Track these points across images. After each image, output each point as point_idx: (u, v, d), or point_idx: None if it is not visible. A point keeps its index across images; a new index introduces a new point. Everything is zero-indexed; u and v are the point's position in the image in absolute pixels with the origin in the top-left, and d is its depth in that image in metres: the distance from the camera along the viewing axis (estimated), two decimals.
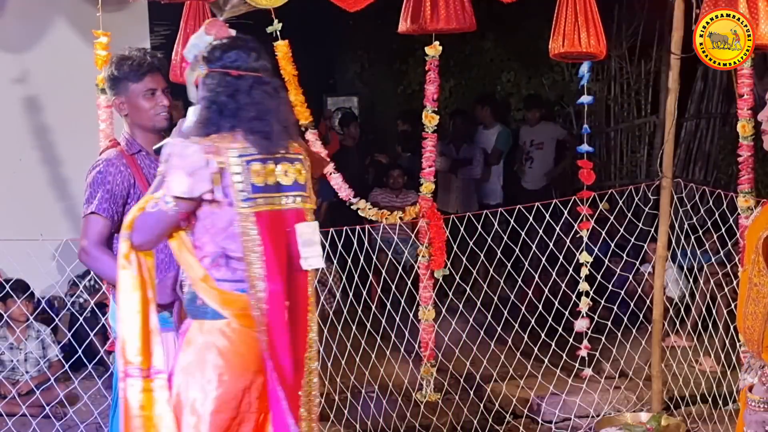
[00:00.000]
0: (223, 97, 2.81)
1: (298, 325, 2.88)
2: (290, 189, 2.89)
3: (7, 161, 5.94)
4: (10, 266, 5.13)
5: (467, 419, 5.23)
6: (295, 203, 2.90)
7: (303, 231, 2.89)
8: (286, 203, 2.88)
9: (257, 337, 2.79)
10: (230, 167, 2.77)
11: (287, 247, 2.87)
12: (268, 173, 2.83)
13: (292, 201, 2.89)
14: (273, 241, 2.82)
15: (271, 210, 2.83)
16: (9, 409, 5.06)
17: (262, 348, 2.79)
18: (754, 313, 2.70)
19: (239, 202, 2.79)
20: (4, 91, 5.87)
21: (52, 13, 5.92)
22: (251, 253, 2.80)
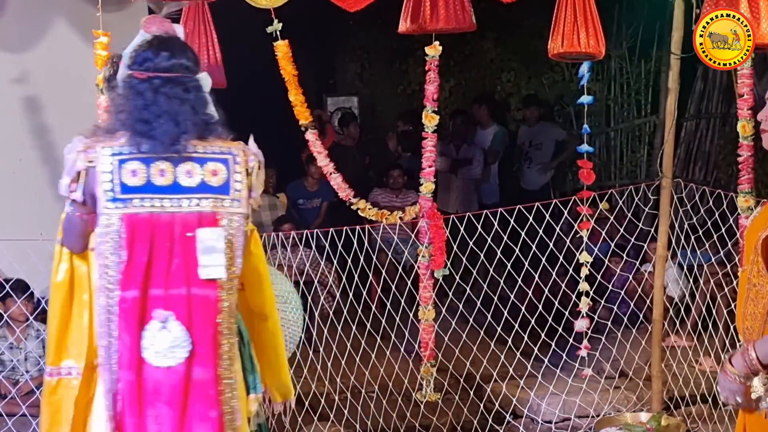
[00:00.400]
0: (120, 100, 2.79)
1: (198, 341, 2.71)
2: (193, 191, 2.72)
3: (7, 161, 5.93)
4: (10, 266, 5.13)
5: (467, 419, 5.23)
6: (199, 206, 2.72)
7: (203, 237, 2.71)
8: (184, 206, 2.72)
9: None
10: (99, 166, 2.72)
11: (170, 254, 2.71)
12: (155, 174, 2.70)
13: (195, 204, 2.72)
14: (143, 245, 2.70)
15: (152, 213, 2.70)
16: (9, 409, 5.06)
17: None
18: (753, 313, 2.70)
19: (104, 202, 2.72)
20: (4, 91, 5.87)
21: (52, 13, 5.91)
22: (109, 256, 2.71)
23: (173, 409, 2.71)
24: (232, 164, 2.76)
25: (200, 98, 2.79)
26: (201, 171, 2.73)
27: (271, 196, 7.31)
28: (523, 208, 5.19)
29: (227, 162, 2.75)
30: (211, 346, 2.73)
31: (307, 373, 5.29)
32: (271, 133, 8.13)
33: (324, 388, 5.26)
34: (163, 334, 2.70)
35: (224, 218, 2.74)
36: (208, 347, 2.72)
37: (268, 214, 7.10)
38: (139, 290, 2.70)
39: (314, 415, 5.13)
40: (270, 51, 4.83)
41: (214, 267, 2.70)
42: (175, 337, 2.70)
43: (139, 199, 2.70)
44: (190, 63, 2.80)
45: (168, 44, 2.81)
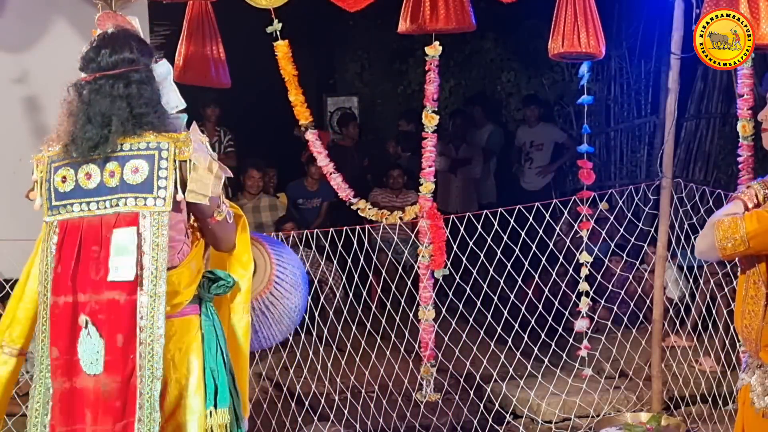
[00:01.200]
0: (67, 105, 2.80)
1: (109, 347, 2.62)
2: (115, 191, 2.65)
3: (7, 161, 5.93)
4: (10, 266, 5.12)
5: (467, 419, 5.23)
6: (118, 206, 2.64)
7: (116, 238, 2.63)
8: (108, 208, 2.65)
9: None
10: (45, 175, 2.73)
11: (98, 257, 2.64)
12: (82, 178, 2.67)
13: (115, 204, 2.65)
14: (71, 249, 2.65)
15: (81, 217, 2.67)
16: (9, 409, 5.04)
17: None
18: (752, 312, 2.70)
19: (46, 211, 2.72)
20: (4, 91, 5.87)
21: (52, 13, 5.91)
22: (45, 263, 2.70)
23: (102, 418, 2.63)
24: (157, 160, 2.64)
25: (142, 91, 2.69)
26: (122, 170, 2.65)
27: (271, 196, 7.31)
28: (523, 208, 5.19)
29: (152, 158, 2.64)
30: (121, 353, 2.61)
31: (307, 373, 5.29)
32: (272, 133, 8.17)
33: (324, 388, 5.26)
34: (87, 340, 2.64)
35: (147, 217, 2.63)
36: (117, 354, 2.61)
37: (268, 215, 7.11)
38: (71, 295, 2.66)
39: (314, 415, 5.13)
40: (270, 51, 4.83)
41: (123, 268, 2.60)
42: (94, 343, 2.63)
43: (70, 204, 2.69)
44: (134, 55, 2.72)
45: (110, 40, 2.75)
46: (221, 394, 2.73)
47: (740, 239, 2.63)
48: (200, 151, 2.67)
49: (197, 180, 2.64)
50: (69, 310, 2.66)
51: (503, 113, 9.79)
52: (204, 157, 2.66)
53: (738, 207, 2.73)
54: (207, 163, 2.66)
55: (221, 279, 2.84)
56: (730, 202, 2.79)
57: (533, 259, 5.38)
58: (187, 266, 2.74)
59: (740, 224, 2.63)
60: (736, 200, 2.76)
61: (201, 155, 2.66)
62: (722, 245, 2.66)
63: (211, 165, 2.67)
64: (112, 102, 2.67)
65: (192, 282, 2.76)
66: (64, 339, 2.66)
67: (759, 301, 2.71)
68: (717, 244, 2.66)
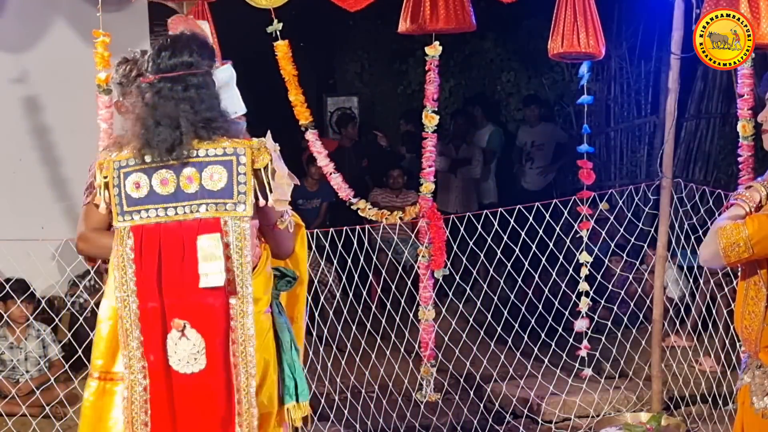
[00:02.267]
0: (131, 108, 2.79)
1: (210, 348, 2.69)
2: (194, 197, 2.67)
3: (7, 161, 5.94)
4: (10, 266, 5.13)
5: (467, 419, 5.23)
6: (198, 212, 2.67)
7: (202, 244, 2.66)
8: (186, 213, 2.68)
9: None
10: (112, 180, 2.73)
11: (182, 261, 2.67)
12: (157, 184, 2.68)
13: (195, 210, 2.67)
14: (152, 255, 2.68)
15: (158, 222, 2.68)
16: (9, 409, 5.06)
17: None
18: (752, 312, 2.70)
19: (116, 216, 2.72)
20: (4, 91, 5.87)
21: (52, 13, 5.91)
22: (122, 269, 2.71)
23: (204, 414, 2.72)
24: (235, 165, 2.66)
25: (202, 95, 2.68)
26: (200, 176, 2.66)
27: None
28: (523, 208, 5.19)
29: (230, 164, 2.66)
30: (220, 354, 2.69)
31: (307, 373, 5.28)
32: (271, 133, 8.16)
33: (324, 388, 5.26)
34: (183, 342, 2.69)
35: (229, 222, 2.67)
36: (217, 354, 2.69)
37: None
38: (158, 300, 2.69)
39: (314, 415, 5.12)
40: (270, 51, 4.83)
41: (213, 275, 2.64)
42: (194, 344, 2.69)
43: (145, 210, 2.69)
44: (192, 58, 2.70)
45: (171, 42, 2.74)
46: (301, 387, 2.84)
47: (744, 246, 2.61)
48: (280, 160, 2.73)
49: (278, 187, 2.69)
50: (158, 314, 2.70)
51: (503, 113, 9.79)
52: (282, 166, 2.72)
53: (739, 211, 2.72)
54: (286, 171, 2.73)
55: (287, 275, 2.92)
56: (730, 207, 2.78)
57: (533, 259, 5.38)
58: (262, 268, 2.82)
59: (743, 230, 2.62)
60: (735, 205, 2.75)
61: (280, 164, 2.72)
62: (726, 253, 2.63)
63: (289, 173, 2.74)
64: (176, 105, 2.68)
65: (268, 282, 2.84)
66: (157, 342, 2.71)
67: (759, 302, 2.71)
68: (721, 252, 2.64)
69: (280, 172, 2.71)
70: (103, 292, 2.96)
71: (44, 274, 5.18)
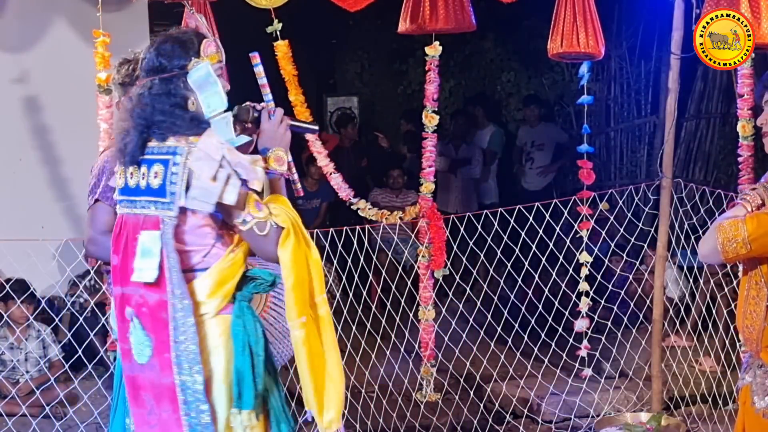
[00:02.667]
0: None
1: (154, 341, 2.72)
2: (142, 193, 2.72)
3: (7, 161, 5.94)
4: (10, 266, 5.13)
5: (467, 419, 5.23)
6: (144, 209, 2.72)
7: (141, 240, 2.72)
8: (140, 208, 2.74)
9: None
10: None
11: (132, 255, 2.75)
12: (130, 175, 2.75)
13: (141, 206, 2.73)
14: (120, 245, 2.78)
15: (128, 214, 2.78)
16: (9, 409, 5.06)
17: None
18: (753, 312, 2.70)
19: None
20: (4, 91, 5.87)
21: (52, 13, 5.92)
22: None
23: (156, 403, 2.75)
24: (170, 164, 2.67)
25: (155, 100, 2.71)
26: (148, 173, 2.71)
27: None
28: (523, 208, 5.19)
29: (167, 162, 2.67)
30: (161, 350, 2.70)
31: None
32: None
33: None
34: (134, 331, 2.76)
35: (165, 221, 2.68)
36: (159, 350, 2.71)
37: None
38: (120, 287, 2.79)
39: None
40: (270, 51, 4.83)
41: (145, 271, 2.68)
42: (139, 336, 2.75)
43: (124, 200, 2.80)
44: (158, 61, 2.74)
45: (151, 46, 2.80)
46: (244, 396, 2.74)
47: (742, 242, 2.63)
48: (204, 159, 2.64)
49: (199, 187, 2.64)
50: (120, 301, 2.80)
51: (503, 113, 9.79)
52: (209, 165, 2.63)
53: (740, 210, 2.73)
54: (212, 172, 2.63)
55: (259, 278, 2.85)
56: (733, 207, 2.78)
57: (533, 259, 5.38)
58: (219, 268, 2.75)
59: (741, 226, 2.63)
60: (738, 205, 2.76)
61: (204, 163, 2.63)
62: (724, 248, 2.65)
63: (217, 174, 2.63)
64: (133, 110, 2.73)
65: (224, 283, 2.76)
66: (123, 329, 2.81)
67: (761, 301, 2.71)
68: (719, 247, 2.66)
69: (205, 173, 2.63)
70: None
71: (44, 274, 5.18)
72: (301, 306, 2.73)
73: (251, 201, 2.67)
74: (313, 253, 2.81)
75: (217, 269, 2.75)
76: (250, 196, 2.67)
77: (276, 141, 2.84)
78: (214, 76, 2.73)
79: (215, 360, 2.74)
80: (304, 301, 2.74)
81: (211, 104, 2.73)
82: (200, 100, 2.72)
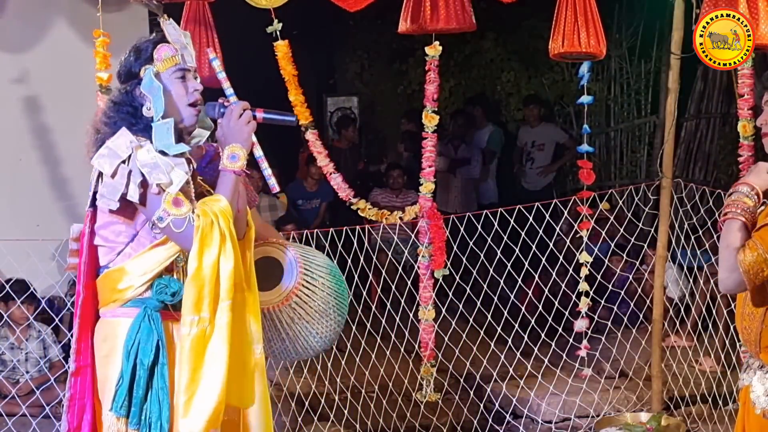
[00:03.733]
0: None
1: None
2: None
3: (7, 161, 5.93)
4: (11, 266, 5.13)
5: (467, 419, 5.23)
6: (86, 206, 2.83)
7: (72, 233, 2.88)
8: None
9: None
10: None
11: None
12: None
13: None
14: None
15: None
16: (9, 409, 5.06)
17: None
18: (751, 313, 2.70)
19: None
20: (4, 91, 5.87)
21: (52, 13, 5.91)
22: None
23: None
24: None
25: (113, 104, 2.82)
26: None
27: (271, 196, 7.30)
28: (523, 208, 5.19)
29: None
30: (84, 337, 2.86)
31: (307, 373, 5.29)
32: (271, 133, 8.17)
33: (324, 388, 5.26)
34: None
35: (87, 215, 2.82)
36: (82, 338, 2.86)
37: (268, 215, 7.10)
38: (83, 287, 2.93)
39: (314, 415, 5.12)
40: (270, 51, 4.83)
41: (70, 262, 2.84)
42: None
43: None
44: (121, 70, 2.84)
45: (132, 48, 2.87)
46: (116, 399, 2.74)
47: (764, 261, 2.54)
48: (107, 156, 2.68)
49: (106, 185, 2.70)
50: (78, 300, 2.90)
51: (503, 113, 9.79)
52: (110, 162, 2.67)
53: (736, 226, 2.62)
54: (111, 169, 2.66)
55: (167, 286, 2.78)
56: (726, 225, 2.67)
57: (533, 259, 5.38)
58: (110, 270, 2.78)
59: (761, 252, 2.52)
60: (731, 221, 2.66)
61: (105, 160, 2.68)
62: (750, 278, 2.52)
63: (117, 170, 2.66)
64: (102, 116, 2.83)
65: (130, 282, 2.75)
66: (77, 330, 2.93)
67: None
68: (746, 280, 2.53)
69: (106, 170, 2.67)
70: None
71: (44, 274, 5.18)
72: (194, 304, 2.66)
73: (168, 199, 2.66)
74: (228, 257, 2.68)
75: (124, 268, 2.76)
76: (168, 194, 2.65)
77: (232, 137, 2.79)
78: (157, 81, 2.76)
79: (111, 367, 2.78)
80: (199, 299, 2.66)
81: (157, 109, 2.75)
82: (152, 106, 2.76)
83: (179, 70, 2.81)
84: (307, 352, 3.14)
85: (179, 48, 2.82)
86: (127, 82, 2.81)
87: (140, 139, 2.71)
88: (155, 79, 2.76)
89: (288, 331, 3.06)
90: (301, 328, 3.05)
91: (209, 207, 2.69)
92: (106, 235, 2.77)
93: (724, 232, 2.62)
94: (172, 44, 2.82)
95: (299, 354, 3.15)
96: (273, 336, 3.04)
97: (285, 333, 3.05)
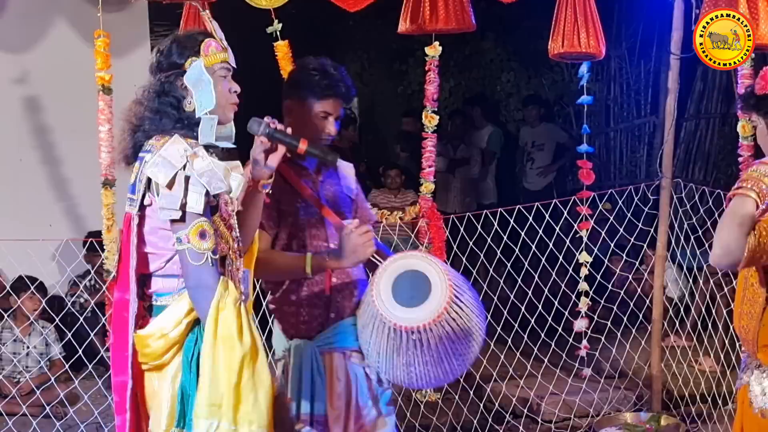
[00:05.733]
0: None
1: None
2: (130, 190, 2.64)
3: (7, 161, 5.94)
4: (11, 266, 5.14)
5: (467, 419, 5.23)
6: (127, 206, 2.64)
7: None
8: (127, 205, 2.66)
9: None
10: None
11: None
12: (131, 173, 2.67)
13: (128, 203, 2.65)
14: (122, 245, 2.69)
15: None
16: (9, 408, 5.07)
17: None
18: (749, 313, 2.70)
19: None
20: (4, 91, 5.88)
21: (52, 13, 5.92)
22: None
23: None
24: (143, 163, 2.59)
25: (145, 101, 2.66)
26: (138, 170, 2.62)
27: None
28: (523, 208, 5.19)
29: (142, 160, 2.61)
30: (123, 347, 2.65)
31: None
32: None
33: None
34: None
35: (132, 218, 2.60)
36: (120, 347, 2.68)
37: None
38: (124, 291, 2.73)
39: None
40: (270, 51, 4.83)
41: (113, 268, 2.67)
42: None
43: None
44: (158, 60, 2.69)
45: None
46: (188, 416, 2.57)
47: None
48: (160, 165, 2.54)
49: (164, 196, 2.53)
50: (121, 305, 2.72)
51: (503, 113, 9.80)
52: (165, 173, 2.52)
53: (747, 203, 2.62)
54: (167, 179, 2.52)
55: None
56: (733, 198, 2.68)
57: (533, 259, 5.38)
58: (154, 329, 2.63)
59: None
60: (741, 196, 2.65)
61: (159, 170, 2.53)
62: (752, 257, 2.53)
63: (174, 180, 2.52)
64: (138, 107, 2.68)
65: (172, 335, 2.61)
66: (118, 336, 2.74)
67: (756, 303, 2.71)
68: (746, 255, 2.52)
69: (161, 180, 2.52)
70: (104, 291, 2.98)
71: (44, 274, 5.19)
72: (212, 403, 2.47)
73: (196, 228, 2.51)
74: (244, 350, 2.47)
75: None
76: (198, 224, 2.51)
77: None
78: (207, 74, 2.66)
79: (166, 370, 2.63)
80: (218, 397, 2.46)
81: (202, 103, 2.65)
82: (194, 99, 2.65)
83: (226, 68, 2.71)
84: (447, 377, 2.92)
85: (226, 46, 2.74)
86: (168, 71, 2.66)
87: (191, 143, 2.58)
88: (205, 71, 2.66)
89: (433, 353, 2.80)
90: (447, 348, 2.79)
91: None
92: (155, 241, 2.61)
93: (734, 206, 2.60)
94: (219, 41, 2.73)
95: (439, 380, 2.92)
96: (414, 359, 2.77)
97: (430, 355, 2.80)
